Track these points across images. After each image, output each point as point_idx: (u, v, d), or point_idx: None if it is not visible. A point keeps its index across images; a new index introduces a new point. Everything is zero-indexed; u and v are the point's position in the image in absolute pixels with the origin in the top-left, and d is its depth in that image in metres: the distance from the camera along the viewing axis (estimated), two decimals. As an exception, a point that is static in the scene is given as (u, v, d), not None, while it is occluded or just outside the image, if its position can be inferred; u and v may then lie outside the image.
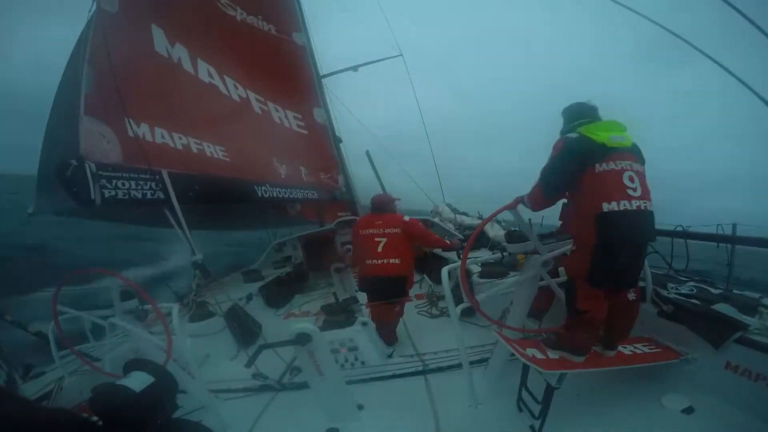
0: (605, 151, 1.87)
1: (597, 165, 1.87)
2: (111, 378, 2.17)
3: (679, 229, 2.74)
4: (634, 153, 1.95)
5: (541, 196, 2.09)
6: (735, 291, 2.48)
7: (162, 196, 4.09)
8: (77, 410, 1.89)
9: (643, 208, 1.86)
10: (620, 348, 2.31)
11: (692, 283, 2.62)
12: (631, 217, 1.83)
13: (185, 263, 4.15)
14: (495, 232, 5.12)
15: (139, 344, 2.62)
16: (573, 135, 1.99)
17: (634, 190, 1.86)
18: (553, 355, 2.17)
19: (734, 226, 2.56)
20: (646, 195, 1.90)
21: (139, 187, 3.99)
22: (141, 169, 4.02)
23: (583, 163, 1.90)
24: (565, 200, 2.18)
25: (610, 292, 2.04)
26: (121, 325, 2.62)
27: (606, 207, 1.84)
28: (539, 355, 2.15)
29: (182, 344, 2.55)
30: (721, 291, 2.49)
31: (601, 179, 1.87)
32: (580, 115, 2.10)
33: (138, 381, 1.40)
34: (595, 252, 1.91)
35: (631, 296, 2.11)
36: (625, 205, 1.83)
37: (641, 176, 1.92)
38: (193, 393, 2.57)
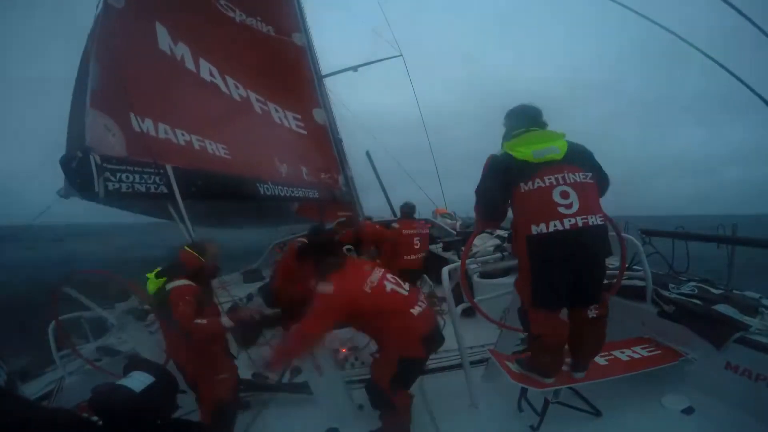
0: (529, 169, 1.72)
1: (522, 184, 1.73)
2: (111, 378, 2.17)
3: (680, 230, 2.74)
4: (570, 163, 1.75)
5: (480, 218, 2.01)
6: (735, 291, 2.48)
7: (165, 190, 4.10)
8: (77, 410, 1.89)
9: (580, 225, 1.67)
10: (618, 353, 2.29)
11: (693, 283, 2.62)
12: (563, 237, 1.67)
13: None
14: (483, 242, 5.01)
15: (139, 344, 2.63)
16: (498, 153, 1.88)
17: (568, 206, 1.68)
18: (526, 374, 2.09)
19: (734, 226, 2.56)
20: (586, 209, 1.70)
21: (143, 181, 4.01)
22: (145, 163, 4.03)
23: (507, 184, 1.77)
24: None
25: (571, 312, 1.90)
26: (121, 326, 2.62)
27: (534, 229, 1.71)
28: None
29: None
30: (721, 291, 2.49)
31: (527, 199, 1.73)
32: (517, 121, 1.93)
33: (138, 381, 1.40)
34: (532, 275, 1.80)
35: (592, 313, 1.88)
36: (555, 226, 1.67)
37: (581, 187, 1.72)
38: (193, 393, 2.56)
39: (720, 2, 1.99)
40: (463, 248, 2.48)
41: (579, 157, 1.81)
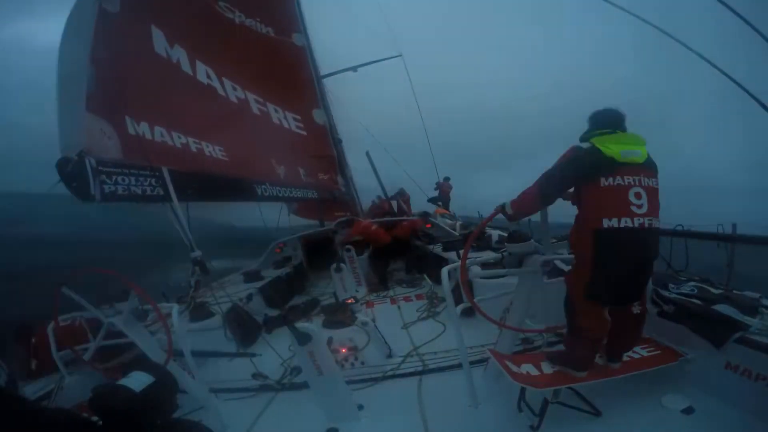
0: (613, 166, 1.82)
1: (602, 179, 1.82)
2: (111, 378, 2.17)
3: (679, 228, 2.74)
4: (646, 168, 1.88)
5: (534, 200, 2.06)
6: (735, 291, 2.48)
7: (162, 192, 4.14)
8: (77, 410, 1.89)
9: (647, 225, 1.81)
10: None
11: (693, 283, 2.62)
12: (631, 235, 1.79)
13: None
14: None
15: (139, 344, 2.63)
16: (584, 145, 1.94)
17: (639, 207, 1.80)
18: (547, 369, 2.15)
19: (734, 225, 2.56)
20: (653, 212, 1.84)
21: (139, 183, 4.04)
22: (141, 165, 4.06)
23: (588, 176, 1.86)
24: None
25: (616, 308, 2.01)
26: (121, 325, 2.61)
27: (606, 223, 1.80)
28: (534, 372, 2.14)
29: (182, 344, 2.55)
30: (721, 291, 2.49)
31: (604, 194, 1.82)
32: (604, 122, 2.01)
33: (138, 381, 1.40)
34: (593, 268, 1.87)
35: (636, 309, 2.04)
36: (626, 222, 1.78)
37: (651, 192, 1.85)
38: (193, 393, 2.57)
39: (714, 2, 1.99)
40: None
41: (653, 165, 1.94)
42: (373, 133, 9.51)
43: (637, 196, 1.81)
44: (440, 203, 11.03)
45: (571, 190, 2.07)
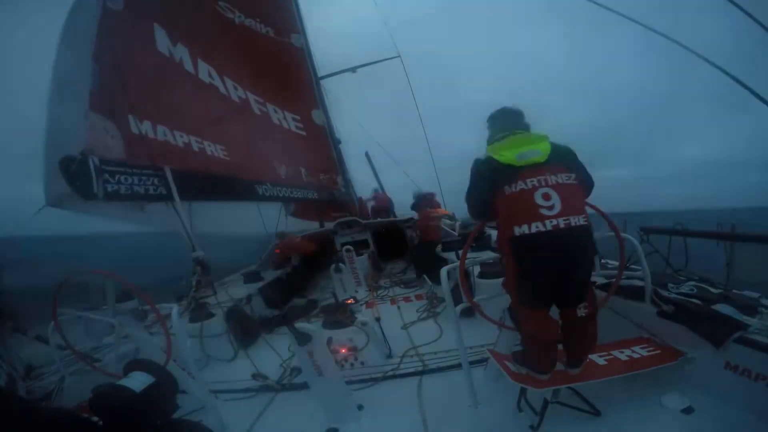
0: (512, 172, 1.78)
1: (506, 187, 1.79)
2: (111, 378, 2.17)
3: (678, 226, 2.73)
4: (552, 165, 1.80)
5: (474, 219, 2.08)
6: (734, 290, 2.48)
7: (164, 192, 4.17)
8: (77, 410, 1.89)
9: (562, 226, 1.71)
10: (617, 353, 2.29)
11: (692, 283, 2.62)
12: (546, 238, 1.71)
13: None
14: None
15: (139, 344, 2.63)
16: (481, 157, 1.93)
17: (550, 208, 1.73)
18: (514, 369, 2.14)
19: (733, 225, 2.56)
20: (569, 210, 1.74)
21: (142, 183, 4.07)
22: (144, 165, 4.08)
23: (492, 187, 1.84)
24: None
25: (562, 312, 1.94)
26: (120, 325, 2.61)
27: (517, 231, 1.76)
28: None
29: (182, 345, 2.55)
30: (720, 290, 2.49)
31: (510, 202, 1.79)
32: (499, 125, 1.99)
33: (138, 381, 1.41)
34: (516, 275, 1.87)
35: (581, 312, 1.90)
36: (537, 227, 1.72)
37: (563, 189, 1.76)
38: (193, 393, 2.57)
39: (722, 2, 1.98)
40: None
41: (562, 159, 1.85)
42: (372, 134, 9.53)
43: (546, 197, 1.74)
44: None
45: None
